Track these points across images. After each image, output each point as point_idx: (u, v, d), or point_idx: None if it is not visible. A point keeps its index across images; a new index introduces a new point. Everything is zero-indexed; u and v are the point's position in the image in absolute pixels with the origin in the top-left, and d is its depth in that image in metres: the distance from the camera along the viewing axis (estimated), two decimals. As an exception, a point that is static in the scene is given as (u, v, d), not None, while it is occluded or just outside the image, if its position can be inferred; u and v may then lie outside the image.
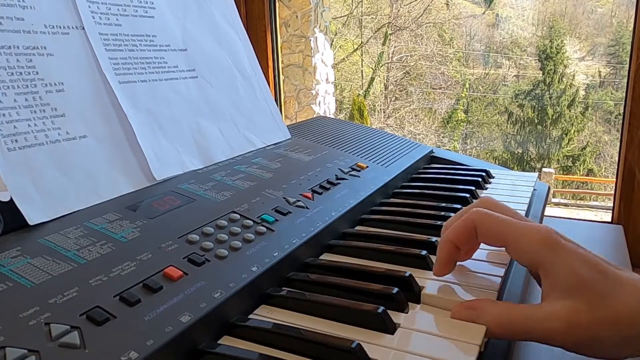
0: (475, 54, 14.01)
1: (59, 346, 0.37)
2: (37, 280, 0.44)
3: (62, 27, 0.64)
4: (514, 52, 13.64)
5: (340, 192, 0.73)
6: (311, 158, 0.84)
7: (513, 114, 13.04)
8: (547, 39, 13.13)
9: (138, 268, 0.47)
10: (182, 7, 0.82)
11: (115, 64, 0.69)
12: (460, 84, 13.72)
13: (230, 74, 0.87)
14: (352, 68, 13.80)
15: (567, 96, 12.47)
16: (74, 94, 0.63)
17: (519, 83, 13.43)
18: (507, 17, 13.97)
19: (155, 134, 0.70)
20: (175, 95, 0.75)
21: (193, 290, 0.46)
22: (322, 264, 0.59)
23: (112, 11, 0.71)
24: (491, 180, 0.92)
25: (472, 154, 12.75)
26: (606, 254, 0.77)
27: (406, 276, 0.53)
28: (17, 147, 0.55)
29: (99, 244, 0.50)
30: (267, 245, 0.56)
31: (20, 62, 0.58)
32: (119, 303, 0.43)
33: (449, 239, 0.53)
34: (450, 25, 13.92)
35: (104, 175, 0.62)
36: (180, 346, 0.41)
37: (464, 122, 13.55)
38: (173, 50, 0.78)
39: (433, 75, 13.63)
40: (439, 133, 13.52)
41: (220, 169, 0.73)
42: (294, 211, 0.65)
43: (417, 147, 1.05)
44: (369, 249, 0.62)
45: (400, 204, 0.79)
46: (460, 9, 13.95)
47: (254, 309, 0.50)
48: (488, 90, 13.72)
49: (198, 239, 0.54)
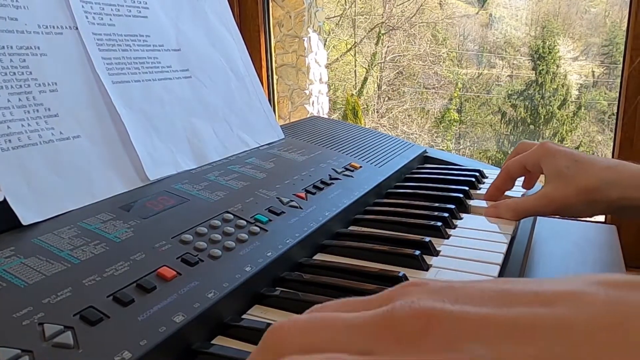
0: (468, 54, 14.02)
1: (52, 346, 0.37)
2: (31, 280, 0.44)
3: (56, 27, 0.64)
4: (508, 52, 13.66)
5: (334, 192, 0.74)
6: (305, 158, 0.84)
7: (506, 114, 13.05)
8: (540, 39, 13.15)
9: (132, 268, 0.47)
10: (175, 7, 0.82)
11: (109, 64, 0.69)
12: (454, 84, 13.73)
13: (223, 74, 0.87)
14: (346, 68, 13.79)
15: (559, 96, 12.49)
16: (68, 94, 0.63)
17: (512, 83, 13.44)
18: (500, 17, 13.99)
19: (149, 134, 0.70)
20: (168, 95, 0.75)
21: (186, 290, 0.46)
22: (315, 264, 0.59)
23: (106, 11, 0.71)
24: (485, 180, 0.92)
25: (466, 153, 12.75)
26: (600, 255, 0.77)
27: (400, 276, 0.53)
28: (11, 147, 0.55)
29: (92, 244, 0.50)
30: (260, 245, 0.56)
31: (13, 62, 0.58)
32: (112, 303, 0.43)
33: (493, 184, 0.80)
34: (444, 25, 13.92)
35: (98, 175, 0.62)
36: (173, 346, 0.41)
37: (457, 122, 13.56)
38: (167, 50, 0.78)
39: (426, 75, 13.63)
40: (432, 133, 13.53)
41: (214, 169, 0.73)
42: (287, 211, 0.65)
43: (410, 147, 1.05)
44: (362, 249, 0.63)
45: (393, 204, 0.79)
46: (453, 9, 13.95)
47: (248, 309, 0.51)
48: (481, 90, 13.74)
49: (191, 239, 0.54)
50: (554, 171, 0.69)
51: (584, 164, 0.67)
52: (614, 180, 0.64)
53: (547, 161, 0.70)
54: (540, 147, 0.72)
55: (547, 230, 0.84)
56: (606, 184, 0.65)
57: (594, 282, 0.22)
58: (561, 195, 0.67)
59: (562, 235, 0.84)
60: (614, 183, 0.64)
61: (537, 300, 0.22)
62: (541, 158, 0.71)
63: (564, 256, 0.77)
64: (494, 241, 0.65)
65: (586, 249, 0.79)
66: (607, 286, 0.22)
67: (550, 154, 0.70)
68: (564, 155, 0.69)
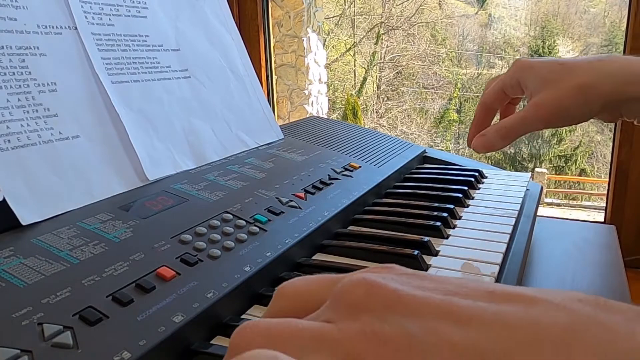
0: (467, 54, 14.03)
1: (51, 346, 0.37)
2: (30, 280, 0.43)
3: (55, 27, 0.64)
4: (507, 52, 13.67)
5: (333, 192, 0.74)
6: (304, 158, 0.84)
7: (505, 114, 13.04)
8: (539, 39, 13.17)
9: (131, 268, 0.47)
10: (174, 7, 0.82)
11: (108, 64, 0.69)
12: (453, 84, 13.74)
13: (223, 74, 0.87)
14: (345, 68, 13.80)
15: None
16: (67, 94, 0.63)
17: (511, 83, 13.45)
18: (499, 17, 14.00)
19: (148, 134, 0.70)
20: (168, 95, 0.75)
21: (186, 290, 0.46)
22: (314, 264, 0.59)
23: (105, 11, 0.71)
24: (484, 180, 0.92)
25: (465, 154, 12.75)
26: (599, 255, 0.77)
27: (399, 276, 0.53)
28: (10, 147, 0.55)
29: (91, 244, 0.50)
30: (259, 246, 0.56)
31: (13, 62, 0.58)
32: (111, 303, 0.43)
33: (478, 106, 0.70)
34: (443, 25, 13.93)
35: (97, 175, 0.62)
36: (173, 346, 0.41)
37: (456, 122, 13.57)
38: (166, 50, 0.78)
39: (425, 75, 13.65)
40: (432, 133, 13.54)
41: (213, 169, 0.73)
42: (286, 211, 0.65)
43: (409, 147, 1.05)
44: (361, 249, 0.63)
45: (392, 204, 0.79)
46: (452, 9, 13.97)
47: (247, 309, 0.51)
48: (481, 90, 13.72)
49: (191, 239, 0.54)
50: (539, 81, 0.61)
51: (571, 65, 0.60)
52: (607, 72, 0.58)
53: (528, 75, 0.62)
54: (515, 64, 0.65)
55: (547, 231, 0.84)
56: (599, 77, 0.58)
57: (570, 297, 0.21)
58: (552, 98, 0.59)
59: (561, 235, 0.84)
60: (608, 75, 0.58)
61: (487, 296, 0.22)
62: (520, 75, 0.63)
63: (564, 256, 0.77)
64: (494, 241, 0.65)
65: (585, 249, 0.79)
66: (577, 301, 0.21)
67: (528, 67, 0.62)
68: (545, 64, 0.62)
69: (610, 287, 0.72)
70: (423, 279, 0.24)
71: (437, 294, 0.22)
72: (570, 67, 0.59)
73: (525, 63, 0.63)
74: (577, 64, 0.60)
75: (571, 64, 0.60)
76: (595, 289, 0.71)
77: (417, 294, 0.22)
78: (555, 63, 0.61)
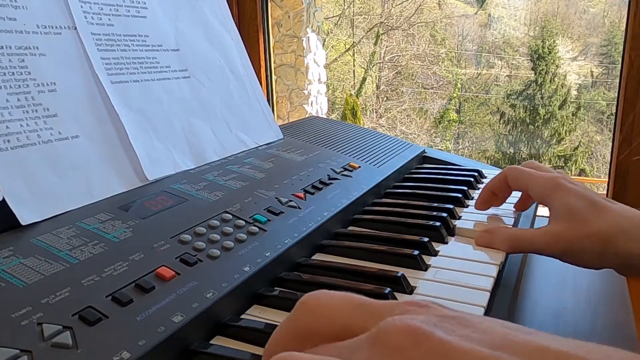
0: (467, 54, 14.03)
1: (51, 346, 0.37)
2: (30, 280, 0.43)
3: (55, 27, 0.64)
4: (506, 52, 13.67)
5: (333, 192, 0.74)
6: (303, 158, 0.84)
7: (505, 114, 13.06)
8: (539, 39, 13.17)
9: (130, 268, 0.47)
10: (174, 7, 0.82)
11: (108, 64, 0.69)
12: (452, 84, 13.74)
13: (222, 74, 0.87)
14: (344, 68, 13.80)
15: (558, 96, 12.50)
16: (67, 94, 0.63)
17: (511, 83, 13.46)
18: (499, 17, 14.00)
19: (148, 134, 0.70)
20: (167, 95, 0.75)
21: (185, 290, 0.46)
22: (314, 264, 0.59)
23: (105, 11, 0.71)
24: (483, 180, 0.92)
25: (464, 154, 12.76)
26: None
27: (398, 276, 0.53)
28: (10, 147, 0.55)
29: (91, 244, 0.50)
30: (259, 246, 0.56)
31: (12, 62, 0.58)
32: (111, 303, 0.43)
33: (487, 186, 0.72)
34: (442, 25, 13.94)
35: (97, 175, 0.62)
36: (172, 346, 0.41)
37: (456, 122, 13.57)
38: (165, 50, 0.78)
39: (425, 75, 13.65)
40: (431, 133, 13.54)
41: (213, 169, 0.73)
42: (286, 211, 0.65)
43: (409, 147, 1.05)
44: (361, 249, 0.63)
45: (392, 204, 0.79)
46: (452, 9, 13.97)
47: (247, 309, 0.51)
48: (480, 90, 13.75)
49: (190, 239, 0.54)
50: (566, 209, 0.59)
51: (601, 208, 0.58)
52: (629, 230, 0.56)
53: (559, 197, 0.61)
54: (552, 180, 0.62)
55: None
56: (621, 233, 0.56)
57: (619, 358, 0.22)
58: (572, 237, 0.58)
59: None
60: (628, 234, 0.56)
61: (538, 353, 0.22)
62: (551, 193, 0.62)
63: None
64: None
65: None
66: None
67: (562, 190, 0.61)
68: (579, 195, 0.59)
69: (610, 287, 0.72)
70: (467, 326, 0.24)
71: (484, 346, 0.22)
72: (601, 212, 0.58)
73: (562, 186, 0.61)
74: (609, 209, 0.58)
75: (603, 207, 0.58)
76: (595, 289, 0.71)
77: (464, 346, 0.22)
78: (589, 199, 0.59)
